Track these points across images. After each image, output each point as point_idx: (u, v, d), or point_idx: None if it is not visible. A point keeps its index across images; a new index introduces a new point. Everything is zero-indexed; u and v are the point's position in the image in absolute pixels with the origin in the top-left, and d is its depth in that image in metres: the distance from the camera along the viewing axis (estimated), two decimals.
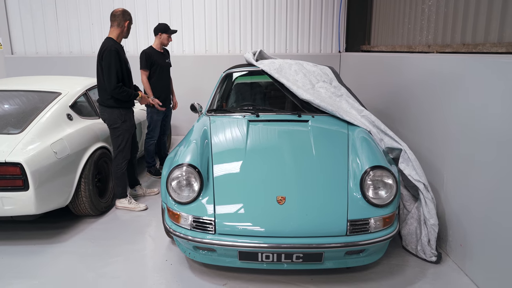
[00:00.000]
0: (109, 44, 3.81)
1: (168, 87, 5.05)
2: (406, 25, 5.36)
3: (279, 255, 2.58)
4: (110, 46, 3.79)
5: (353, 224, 2.60)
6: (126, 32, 3.99)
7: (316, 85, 3.99)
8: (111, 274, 2.99)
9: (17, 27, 7.48)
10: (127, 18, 3.96)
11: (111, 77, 3.77)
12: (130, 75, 4.07)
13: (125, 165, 4.06)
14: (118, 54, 3.81)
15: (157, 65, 4.81)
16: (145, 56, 4.76)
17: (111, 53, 3.76)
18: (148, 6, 7.33)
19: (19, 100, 3.92)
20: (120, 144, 3.98)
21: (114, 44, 3.85)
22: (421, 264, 3.07)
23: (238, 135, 3.35)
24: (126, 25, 3.95)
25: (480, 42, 3.56)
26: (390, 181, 2.76)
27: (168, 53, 5.10)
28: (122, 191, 4.13)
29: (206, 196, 2.76)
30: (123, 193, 4.14)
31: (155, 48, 4.87)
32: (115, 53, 3.78)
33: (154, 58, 4.79)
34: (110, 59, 3.76)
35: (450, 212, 3.14)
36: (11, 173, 3.12)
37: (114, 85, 3.78)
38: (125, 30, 3.97)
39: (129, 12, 4.02)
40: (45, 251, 3.31)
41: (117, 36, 3.94)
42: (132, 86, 4.14)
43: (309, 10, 7.50)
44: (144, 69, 4.78)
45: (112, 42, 3.86)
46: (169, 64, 5.04)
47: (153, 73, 4.82)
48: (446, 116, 3.21)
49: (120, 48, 3.89)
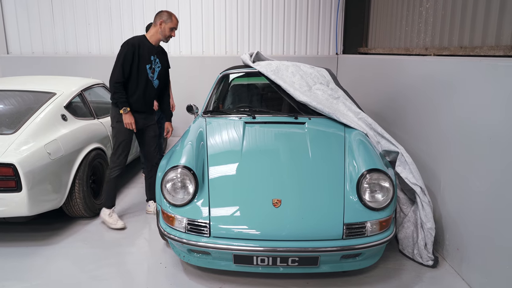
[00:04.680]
0: (134, 37, 3.63)
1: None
2: (403, 28, 5.36)
3: (274, 258, 2.55)
4: (131, 38, 3.60)
5: (349, 227, 2.57)
6: (161, 33, 3.63)
7: (313, 87, 3.98)
8: (105, 277, 2.95)
9: (13, 26, 7.43)
10: (164, 18, 3.61)
11: (115, 69, 3.53)
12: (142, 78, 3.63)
13: (115, 172, 3.68)
14: (134, 48, 3.52)
15: None
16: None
17: (125, 44, 3.54)
18: (145, 6, 7.31)
19: (13, 100, 3.88)
20: (114, 146, 3.71)
21: (140, 39, 3.62)
22: (418, 268, 3.05)
23: (234, 137, 3.33)
24: (159, 24, 3.60)
25: (477, 45, 3.55)
26: (387, 184, 2.74)
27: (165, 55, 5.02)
28: (106, 200, 3.76)
29: (201, 198, 2.73)
30: (107, 203, 3.75)
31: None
32: (130, 46, 3.52)
33: None
34: (122, 49, 3.53)
35: (447, 216, 3.12)
36: (4, 174, 3.08)
37: (113, 77, 3.53)
38: (159, 30, 3.62)
39: (171, 14, 3.65)
40: (38, 253, 3.27)
41: (151, 35, 3.66)
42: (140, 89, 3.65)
43: (307, 12, 7.49)
44: None
45: (140, 37, 3.65)
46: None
47: None
48: (443, 119, 3.20)
49: (144, 45, 3.59)
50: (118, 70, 3.52)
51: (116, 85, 3.54)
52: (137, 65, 3.58)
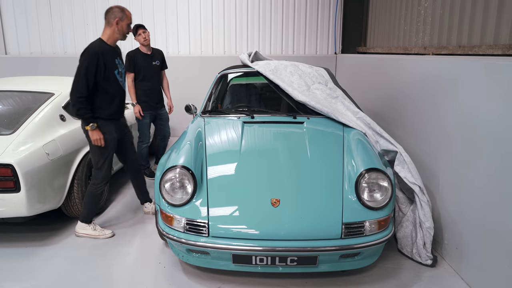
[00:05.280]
0: (92, 45, 3.31)
1: (157, 90, 4.93)
2: (402, 27, 5.36)
3: (273, 258, 2.55)
4: (92, 47, 3.28)
5: (348, 227, 2.57)
6: (118, 32, 3.38)
7: (312, 86, 3.97)
8: (104, 277, 2.94)
9: (11, 27, 7.43)
10: (118, 15, 3.34)
11: (78, 82, 3.20)
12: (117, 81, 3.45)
13: (101, 187, 3.48)
14: (98, 58, 3.23)
15: (140, 67, 4.76)
16: (127, 58, 4.76)
17: (87, 55, 3.22)
18: (143, 6, 7.31)
19: (12, 100, 3.88)
20: (98, 161, 3.42)
21: (100, 46, 3.31)
22: (417, 267, 3.05)
23: (233, 136, 3.32)
24: (115, 23, 3.33)
25: (476, 44, 3.56)
26: (386, 183, 2.74)
27: (159, 54, 4.98)
28: (87, 215, 3.50)
29: (200, 198, 2.73)
30: (87, 218, 3.51)
31: (140, 50, 4.84)
32: (93, 55, 3.22)
33: (137, 60, 4.76)
34: (84, 61, 3.21)
35: (446, 215, 3.12)
36: (2, 174, 3.08)
37: (75, 90, 3.21)
38: (116, 29, 3.36)
39: (123, 9, 3.40)
40: (37, 254, 3.26)
41: (107, 37, 3.38)
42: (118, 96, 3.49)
43: (305, 11, 7.49)
44: (128, 71, 4.73)
45: (99, 43, 3.35)
46: (157, 66, 4.91)
47: (137, 75, 4.80)
48: (441, 118, 3.20)
49: (107, 51, 3.32)
50: (82, 83, 3.20)
51: (80, 100, 3.22)
52: (105, 74, 3.32)
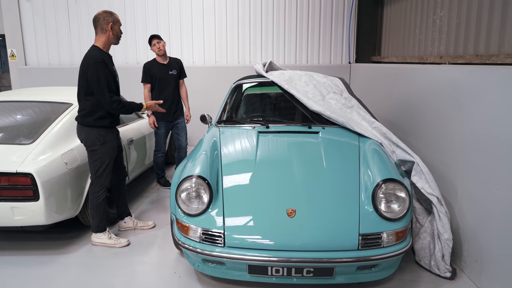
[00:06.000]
0: (93, 54, 3.30)
1: (174, 100, 4.94)
2: (417, 36, 5.33)
3: (289, 269, 2.53)
4: (95, 57, 3.27)
5: (365, 238, 2.54)
6: (113, 37, 3.39)
7: (327, 96, 3.97)
8: (119, 286, 2.96)
9: (31, 38, 7.61)
10: (109, 20, 3.33)
11: (104, 91, 3.27)
12: (118, 89, 3.56)
13: (102, 194, 3.48)
14: (106, 65, 3.30)
15: (156, 77, 4.83)
16: (143, 69, 4.85)
17: (97, 65, 3.24)
18: (159, 18, 7.43)
19: (31, 110, 3.96)
20: (98, 169, 3.42)
21: (100, 54, 3.32)
22: (435, 280, 2.99)
23: (248, 146, 3.33)
24: (109, 28, 3.33)
25: (493, 53, 3.52)
26: (403, 194, 2.70)
27: (177, 64, 5.02)
28: (98, 224, 3.54)
29: (216, 208, 2.73)
30: (99, 227, 3.54)
31: (156, 60, 4.91)
32: (102, 64, 3.27)
33: (153, 70, 4.82)
34: (98, 72, 3.24)
35: (465, 226, 3.06)
36: (22, 183, 3.13)
37: (109, 99, 3.29)
38: (111, 35, 3.37)
39: (111, 12, 3.39)
40: (54, 262, 3.30)
41: (103, 44, 3.37)
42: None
43: (319, 21, 7.51)
44: (144, 82, 4.84)
45: (97, 51, 3.33)
46: (174, 76, 4.94)
47: (153, 85, 4.87)
48: (459, 128, 3.16)
49: (107, 58, 3.38)
50: (107, 92, 3.29)
51: (119, 105, 3.36)
52: (112, 82, 3.40)
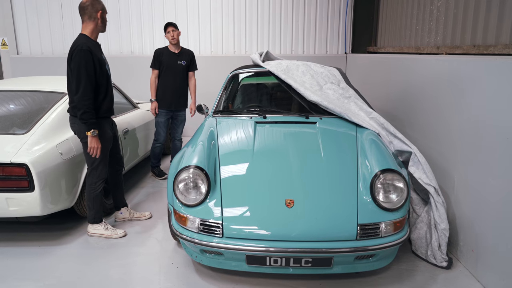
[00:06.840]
0: (81, 42, 3.21)
1: (179, 90, 4.91)
2: (414, 26, 5.31)
3: (287, 259, 2.54)
4: (81, 44, 3.18)
5: (363, 228, 2.55)
6: (101, 25, 3.36)
7: (324, 86, 3.95)
8: (116, 277, 2.95)
9: (23, 27, 7.49)
10: (99, 7, 3.30)
11: (80, 81, 3.14)
12: (109, 77, 3.45)
13: (100, 186, 3.45)
14: (91, 54, 3.20)
15: (164, 64, 4.82)
16: (154, 55, 4.85)
17: (81, 53, 3.14)
18: (154, 6, 7.33)
19: (24, 100, 3.90)
20: (94, 161, 3.37)
21: (87, 41, 3.24)
22: (432, 269, 3.02)
23: (245, 136, 3.31)
24: (99, 16, 3.30)
25: (491, 43, 3.51)
26: (401, 184, 2.71)
27: (188, 55, 4.94)
28: (95, 216, 3.52)
29: (214, 198, 2.72)
30: (96, 218, 3.53)
31: (168, 48, 4.88)
32: (87, 53, 3.16)
33: (163, 57, 4.82)
34: (80, 60, 3.14)
35: (461, 216, 3.08)
36: (16, 174, 3.10)
37: (83, 93, 3.14)
38: (99, 22, 3.33)
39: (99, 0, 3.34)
40: (50, 253, 3.28)
41: (91, 31, 3.32)
42: (110, 91, 3.46)
43: (315, 10, 7.46)
44: (152, 68, 4.86)
45: (84, 39, 3.25)
46: (183, 66, 4.89)
47: (160, 72, 4.86)
48: (457, 119, 3.16)
49: (94, 47, 3.28)
50: (86, 84, 3.15)
51: (87, 103, 3.17)
52: (100, 71, 3.29)
